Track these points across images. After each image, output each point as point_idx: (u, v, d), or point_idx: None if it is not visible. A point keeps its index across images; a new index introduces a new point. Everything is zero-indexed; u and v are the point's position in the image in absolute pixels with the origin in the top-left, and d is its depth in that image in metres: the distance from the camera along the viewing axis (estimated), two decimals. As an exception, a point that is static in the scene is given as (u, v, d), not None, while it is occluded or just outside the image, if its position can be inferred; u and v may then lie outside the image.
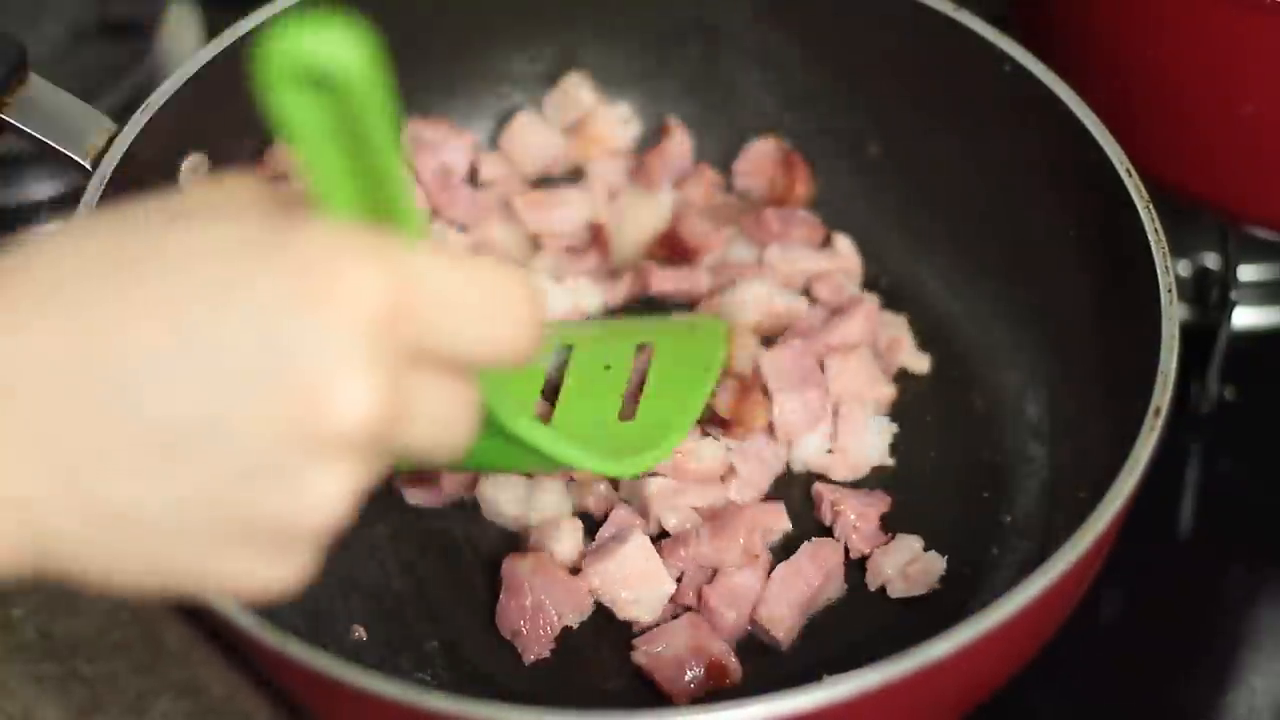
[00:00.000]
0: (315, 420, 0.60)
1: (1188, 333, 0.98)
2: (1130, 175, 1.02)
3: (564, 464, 0.90)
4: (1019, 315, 1.13)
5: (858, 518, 1.04)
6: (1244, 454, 1.21)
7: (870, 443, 1.09)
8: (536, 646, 0.99)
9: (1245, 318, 1.23)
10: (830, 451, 1.08)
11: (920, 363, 1.13)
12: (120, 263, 0.61)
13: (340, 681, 0.84)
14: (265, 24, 1.08)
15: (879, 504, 1.05)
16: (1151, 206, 1.01)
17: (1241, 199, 1.14)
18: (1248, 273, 1.23)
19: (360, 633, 1.00)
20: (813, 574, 1.01)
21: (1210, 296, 1.22)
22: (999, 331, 1.13)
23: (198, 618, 0.91)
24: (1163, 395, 0.94)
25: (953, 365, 1.13)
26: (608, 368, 1.07)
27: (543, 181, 1.20)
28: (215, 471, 0.61)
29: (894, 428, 1.10)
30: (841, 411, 1.08)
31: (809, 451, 1.08)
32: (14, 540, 0.61)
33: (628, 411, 1.04)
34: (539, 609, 0.99)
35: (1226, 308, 1.17)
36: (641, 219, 1.17)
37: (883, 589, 1.03)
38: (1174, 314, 0.97)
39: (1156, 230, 1.00)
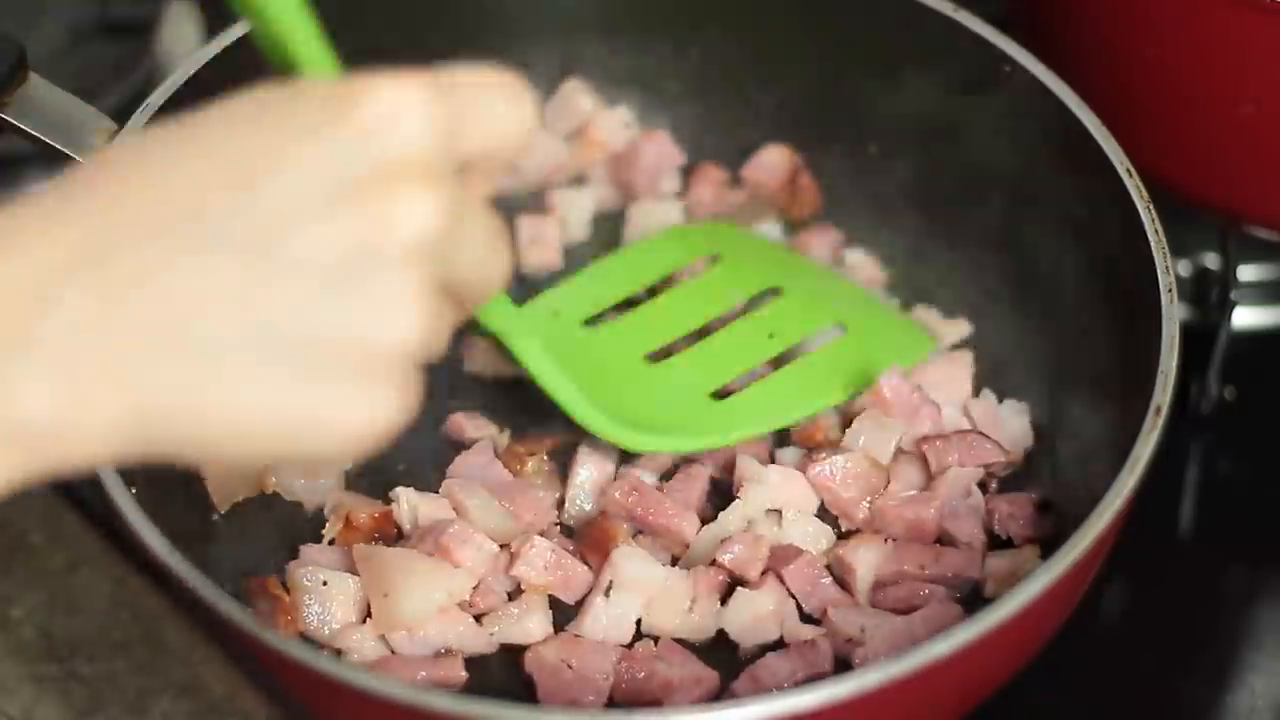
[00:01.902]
0: (387, 228, 0.64)
1: (1188, 333, 0.98)
2: (1130, 175, 1.02)
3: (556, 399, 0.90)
4: (1019, 315, 1.13)
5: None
6: (1244, 454, 1.21)
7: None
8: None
9: (1245, 318, 1.23)
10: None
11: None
12: (185, 139, 0.65)
13: (340, 681, 0.84)
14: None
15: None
16: (1151, 206, 1.01)
17: (1241, 199, 1.14)
18: (1248, 273, 1.23)
19: None
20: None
21: (1210, 296, 1.22)
22: (998, 331, 1.13)
23: (198, 617, 0.90)
24: (1163, 395, 0.94)
25: (953, 365, 1.14)
26: (771, 336, 1.05)
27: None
28: (294, 290, 0.63)
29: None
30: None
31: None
32: (117, 412, 0.62)
33: (725, 389, 1.02)
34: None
35: (1226, 308, 1.17)
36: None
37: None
38: (1174, 314, 0.97)
39: (1156, 230, 1.00)
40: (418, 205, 0.64)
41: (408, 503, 1.03)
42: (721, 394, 1.05)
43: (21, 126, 1.01)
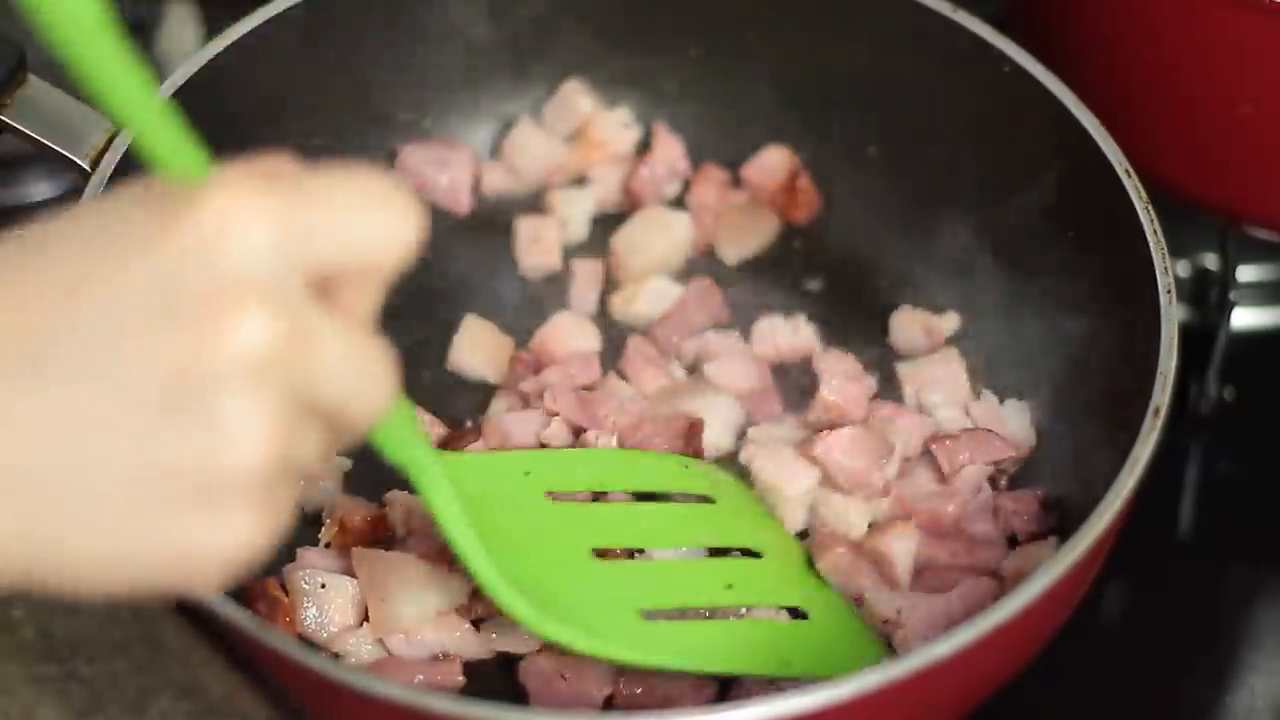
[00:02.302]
0: (214, 348, 0.60)
1: (1187, 333, 0.98)
2: (1130, 175, 1.02)
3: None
4: (1018, 315, 1.12)
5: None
6: (1244, 454, 1.21)
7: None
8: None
9: (1244, 318, 1.23)
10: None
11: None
12: (11, 262, 0.62)
13: (340, 682, 0.84)
14: (265, 24, 1.08)
15: None
16: (1151, 207, 1.01)
17: (1241, 199, 1.14)
18: (1247, 273, 1.23)
19: None
20: None
21: (1209, 297, 1.22)
22: (998, 331, 1.13)
23: (198, 618, 0.90)
24: (1162, 395, 0.94)
25: (952, 365, 1.14)
26: (729, 587, 0.98)
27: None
28: (130, 418, 0.61)
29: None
30: None
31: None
32: None
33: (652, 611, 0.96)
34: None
35: (1226, 308, 1.17)
36: (654, 243, 1.17)
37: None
38: (1173, 314, 0.97)
39: (1156, 230, 1.00)
40: (249, 324, 0.60)
41: (402, 506, 1.03)
42: (651, 616, 0.96)
43: (21, 128, 1.01)
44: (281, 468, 0.63)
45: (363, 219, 0.64)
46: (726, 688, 0.97)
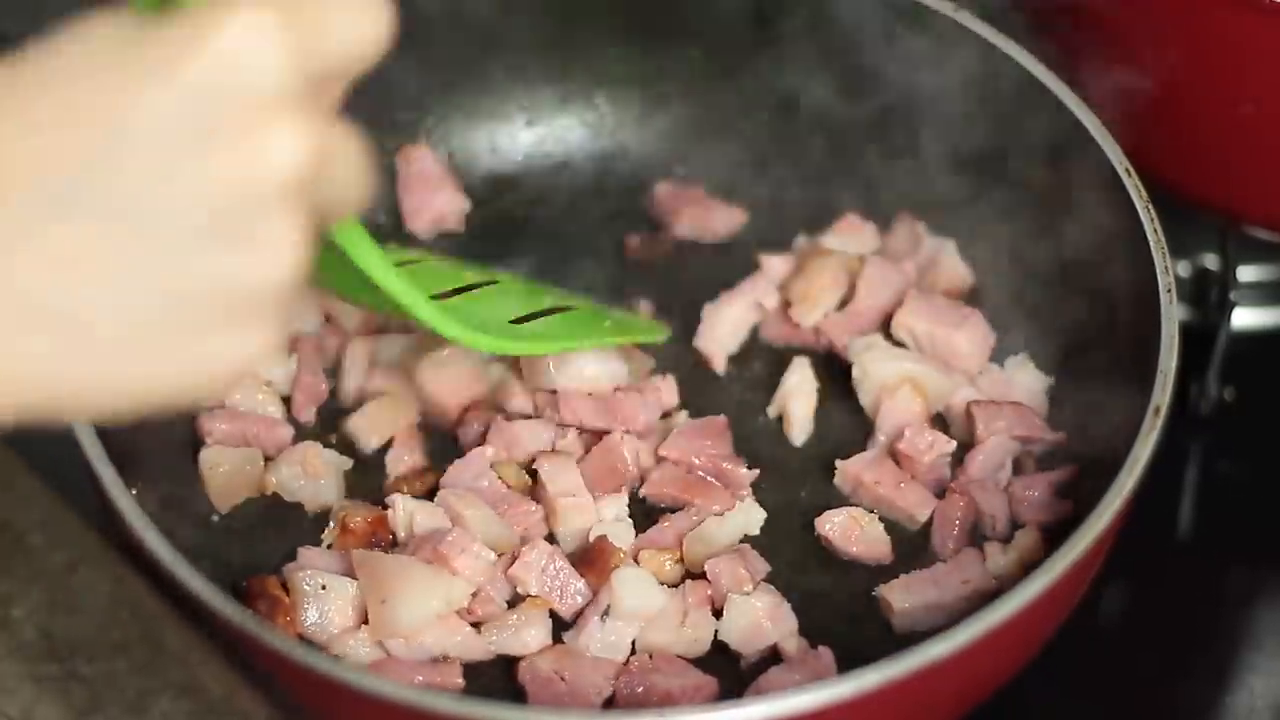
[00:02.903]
0: (257, 167, 0.61)
1: (1187, 333, 0.98)
2: (1130, 175, 1.02)
3: (403, 304, 0.86)
4: (1018, 316, 1.12)
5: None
6: (1243, 455, 1.21)
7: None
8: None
9: (1245, 318, 1.23)
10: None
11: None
12: (21, 91, 0.62)
13: (340, 681, 0.84)
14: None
15: None
16: (1151, 207, 1.01)
17: (1241, 199, 1.14)
18: (1247, 273, 1.23)
19: None
20: None
21: (1210, 297, 1.22)
22: (997, 331, 1.13)
23: (198, 618, 0.91)
24: (1162, 395, 0.94)
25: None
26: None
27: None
28: (163, 244, 0.61)
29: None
30: None
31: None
32: None
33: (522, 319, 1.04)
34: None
35: (1226, 308, 1.17)
36: None
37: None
38: (1173, 314, 0.97)
39: (1156, 230, 1.00)
40: (287, 138, 0.61)
41: (404, 509, 1.03)
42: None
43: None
44: (299, 276, 0.64)
45: (349, 19, 0.64)
46: (728, 687, 0.98)
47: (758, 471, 1.06)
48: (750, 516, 1.04)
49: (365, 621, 0.99)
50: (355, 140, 0.66)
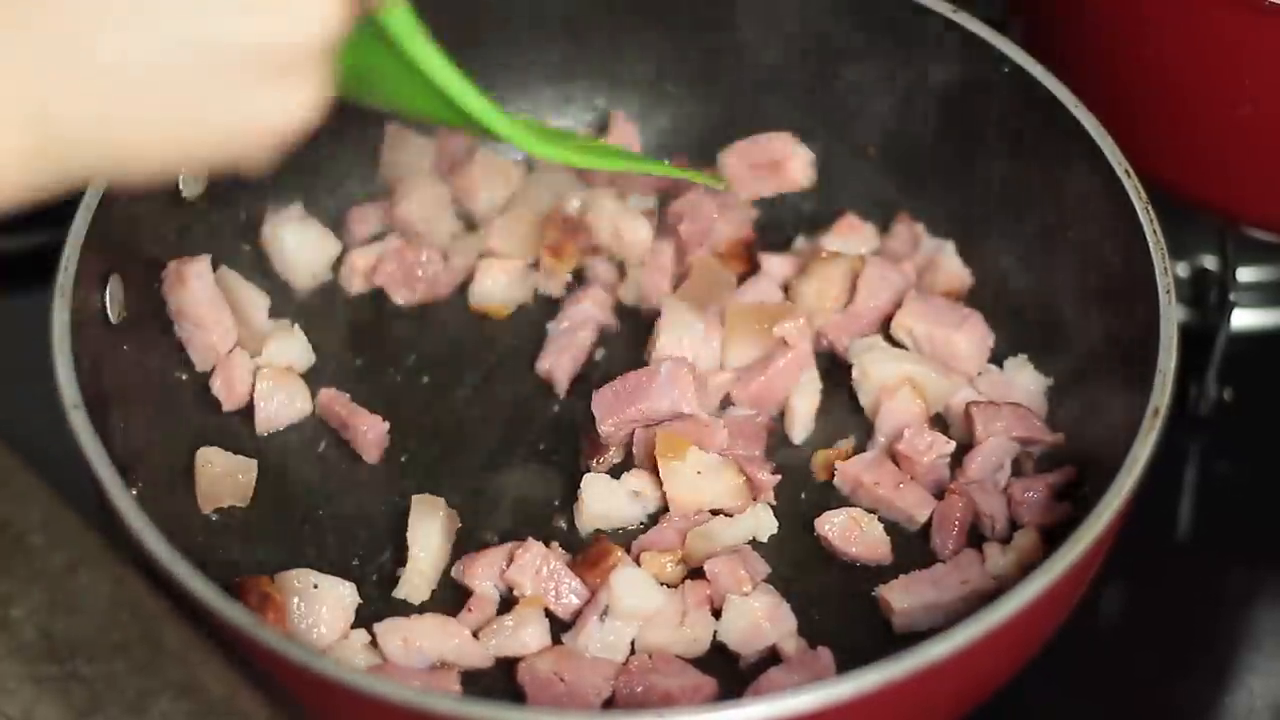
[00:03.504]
0: None
1: (1186, 334, 0.98)
2: (1129, 176, 1.02)
3: (461, 105, 0.82)
4: (1017, 316, 1.13)
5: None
6: (1243, 455, 1.21)
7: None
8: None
9: (1244, 319, 1.23)
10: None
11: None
12: None
13: (340, 681, 0.84)
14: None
15: None
16: (1150, 208, 1.01)
17: (1240, 199, 1.14)
18: (1246, 274, 1.23)
19: None
20: None
21: (1209, 298, 1.22)
22: (997, 332, 1.13)
23: (198, 618, 0.91)
24: (1162, 395, 0.94)
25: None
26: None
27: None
28: (210, 8, 0.63)
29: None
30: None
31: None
32: (25, 140, 0.61)
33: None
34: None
35: (1225, 309, 1.17)
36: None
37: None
38: (1173, 315, 0.97)
39: (1155, 231, 1.00)
40: None
41: None
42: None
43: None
44: (336, 36, 0.65)
45: None
46: (727, 687, 0.98)
47: (779, 478, 1.06)
48: (761, 522, 1.04)
49: (355, 626, 0.99)
50: None
